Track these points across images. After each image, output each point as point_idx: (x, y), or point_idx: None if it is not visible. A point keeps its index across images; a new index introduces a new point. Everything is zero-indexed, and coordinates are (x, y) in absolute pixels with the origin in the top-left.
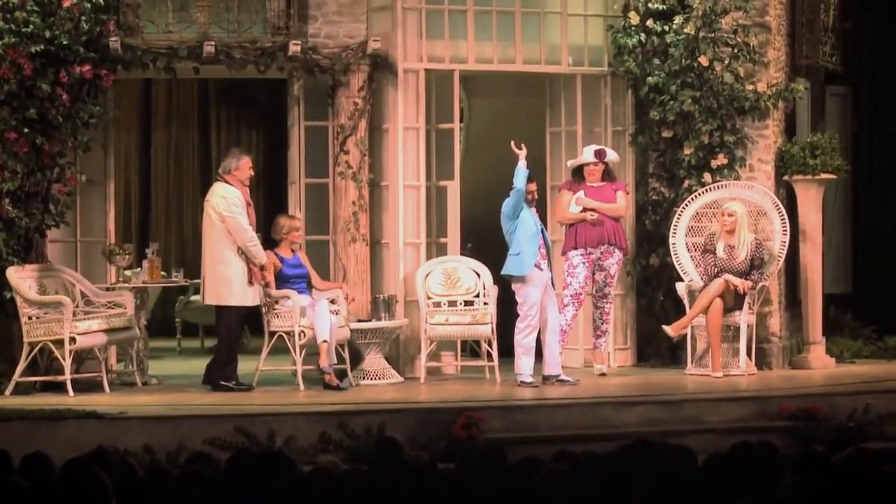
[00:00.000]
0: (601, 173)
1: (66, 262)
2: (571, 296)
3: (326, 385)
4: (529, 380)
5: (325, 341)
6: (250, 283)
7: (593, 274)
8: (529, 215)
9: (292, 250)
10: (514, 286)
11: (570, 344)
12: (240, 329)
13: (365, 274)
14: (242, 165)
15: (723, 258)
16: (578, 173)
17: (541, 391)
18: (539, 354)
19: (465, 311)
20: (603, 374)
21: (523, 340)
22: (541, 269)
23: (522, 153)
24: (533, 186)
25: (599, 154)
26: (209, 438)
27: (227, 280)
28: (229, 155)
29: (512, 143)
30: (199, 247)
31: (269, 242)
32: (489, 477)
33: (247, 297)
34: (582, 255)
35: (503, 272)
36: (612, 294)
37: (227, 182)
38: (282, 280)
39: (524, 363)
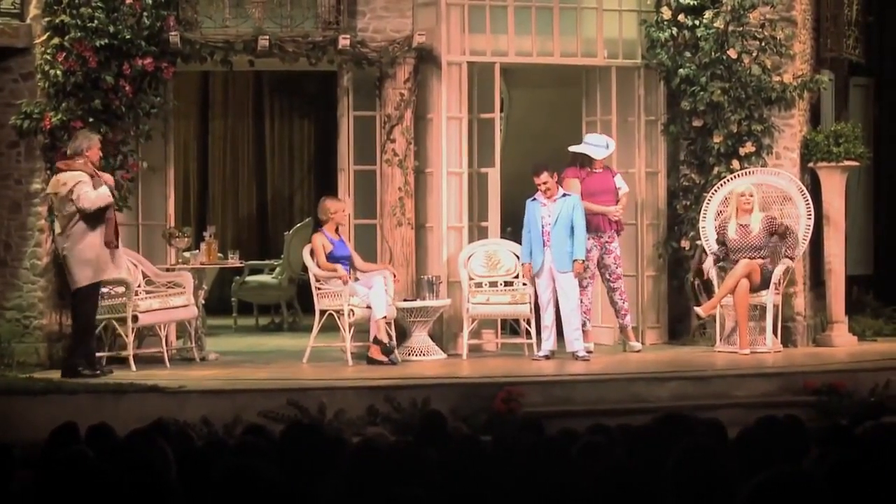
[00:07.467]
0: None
1: (128, 244)
2: (588, 277)
3: (389, 359)
4: (539, 355)
5: (383, 318)
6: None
7: (602, 257)
8: (532, 211)
9: (337, 233)
10: None
11: (606, 323)
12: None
13: (410, 256)
14: (94, 146)
15: (735, 239)
16: (588, 159)
17: (586, 367)
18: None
19: (505, 292)
20: (636, 351)
21: (541, 317)
22: (539, 255)
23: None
24: (542, 178)
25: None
26: (263, 411)
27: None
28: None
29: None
30: (255, 230)
31: (318, 225)
32: (528, 448)
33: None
34: (592, 238)
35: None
36: (622, 272)
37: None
38: (331, 261)
39: (542, 339)
